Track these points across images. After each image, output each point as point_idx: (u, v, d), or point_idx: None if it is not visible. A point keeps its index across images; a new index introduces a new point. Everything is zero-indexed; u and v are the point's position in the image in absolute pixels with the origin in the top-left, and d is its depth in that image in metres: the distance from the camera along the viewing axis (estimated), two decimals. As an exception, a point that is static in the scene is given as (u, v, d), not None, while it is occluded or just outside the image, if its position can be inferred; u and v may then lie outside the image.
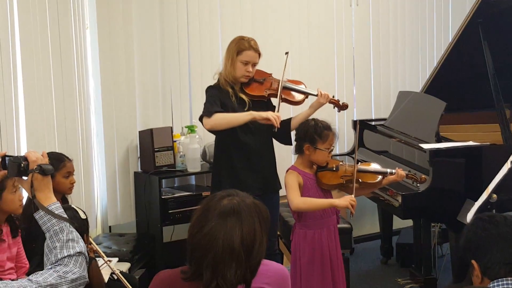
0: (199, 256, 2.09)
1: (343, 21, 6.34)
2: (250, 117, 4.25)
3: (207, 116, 4.26)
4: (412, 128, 5.10)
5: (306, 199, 3.96)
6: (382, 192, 4.76)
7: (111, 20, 5.28)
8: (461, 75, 5.38)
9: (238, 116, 4.27)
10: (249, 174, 4.40)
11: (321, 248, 4.02)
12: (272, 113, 4.27)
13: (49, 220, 2.22)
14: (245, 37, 4.43)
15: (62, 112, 4.60)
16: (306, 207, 3.94)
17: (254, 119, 4.24)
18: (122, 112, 5.38)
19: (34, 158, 2.30)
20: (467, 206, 4.13)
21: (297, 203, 3.92)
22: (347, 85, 6.41)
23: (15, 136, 3.94)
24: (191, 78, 5.67)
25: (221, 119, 4.25)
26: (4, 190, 3.25)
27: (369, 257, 6.11)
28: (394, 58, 6.66)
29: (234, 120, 4.26)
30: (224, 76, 4.39)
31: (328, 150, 4.03)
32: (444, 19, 6.89)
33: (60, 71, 4.57)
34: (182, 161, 5.36)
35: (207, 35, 5.68)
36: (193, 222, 2.16)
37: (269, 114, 4.24)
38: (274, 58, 4.61)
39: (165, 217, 5.17)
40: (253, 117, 4.24)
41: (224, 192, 2.21)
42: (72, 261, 2.13)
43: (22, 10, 4.07)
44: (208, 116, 4.25)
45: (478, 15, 4.95)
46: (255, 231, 2.11)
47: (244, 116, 4.26)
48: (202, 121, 4.33)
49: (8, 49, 3.86)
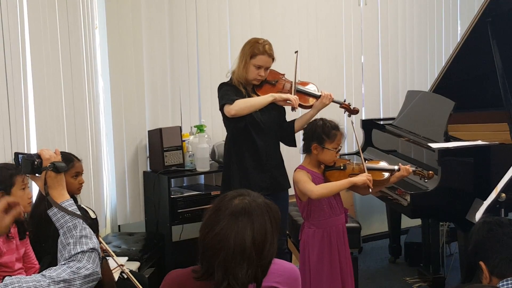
0: (210, 255, 2.10)
1: (352, 20, 6.34)
2: (271, 98, 4.33)
3: (229, 104, 4.28)
4: (421, 127, 5.10)
5: (324, 184, 3.98)
6: (391, 191, 4.76)
7: (120, 20, 5.30)
8: (469, 74, 5.38)
9: (260, 99, 4.35)
10: (259, 173, 4.41)
11: (330, 247, 4.03)
12: (290, 95, 4.35)
13: (62, 216, 2.24)
14: (261, 40, 4.43)
15: (71, 112, 4.62)
16: (327, 191, 3.94)
17: (275, 100, 4.33)
18: (131, 111, 5.40)
19: (47, 156, 2.32)
20: (476, 205, 4.13)
21: (317, 190, 3.92)
22: (356, 85, 6.41)
23: (25, 136, 3.95)
24: (200, 77, 5.68)
25: (244, 102, 4.29)
26: (14, 186, 3.26)
27: (378, 256, 6.11)
28: (403, 57, 6.65)
29: (256, 103, 4.32)
30: (236, 77, 4.40)
31: (336, 150, 4.04)
32: (452, 18, 6.88)
33: (70, 71, 4.59)
34: (191, 160, 5.37)
35: (216, 35, 5.69)
36: (204, 222, 2.17)
37: (289, 95, 4.35)
38: (282, 58, 4.61)
39: (174, 217, 5.18)
40: (274, 98, 4.33)
41: (235, 192, 2.21)
42: (86, 257, 2.15)
43: (32, 10, 4.09)
44: (230, 104, 4.27)
45: (487, 14, 4.95)
46: (266, 230, 2.12)
47: (266, 98, 4.34)
48: (223, 110, 4.34)
49: (18, 49, 3.88)
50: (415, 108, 5.42)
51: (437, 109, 4.99)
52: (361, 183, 3.95)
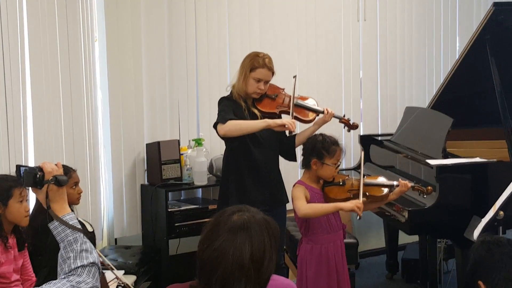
0: (208, 271, 2.09)
1: (351, 36, 6.36)
2: (264, 124, 4.21)
3: (221, 123, 4.24)
4: (419, 143, 5.11)
5: (312, 204, 3.97)
6: (388, 207, 4.75)
7: (120, 32, 5.31)
8: (468, 91, 5.38)
9: (253, 123, 4.25)
10: (258, 188, 4.40)
11: (328, 262, 4.02)
12: (286, 119, 4.27)
13: (63, 230, 2.24)
14: (260, 53, 4.42)
15: (70, 124, 4.62)
16: (312, 212, 3.94)
17: (269, 126, 4.20)
18: (129, 124, 5.40)
19: (49, 169, 2.32)
20: (474, 222, 4.12)
21: (304, 209, 3.92)
22: (354, 100, 6.42)
23: (23, 147, 3.94)
24: (198, 91, 5.68)
25: (235, 125, 4.21)
26: (11, 198, 3.26)
27: (375, 272, 6.10)
28: (401, 73, 6.67)
29: (248, 127, 4.23)
30: (236, 90, 4.39)
31: (335, 165, 4.04)
32: (451, 35, 6.91)
33: (69, 83, 4.60)
34: (189, 174, 5.37)
35: (215, 48, 5.70)
36: (203, 237, 2.16)
37: (284, 120, 4.24)
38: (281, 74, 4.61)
39: (171, 230, 5.17)
40: (267, 124, 4.20)
41: (234, 208, 2.20)
42: (86, 271, 2.15)
43: (32, 23, 4.10)
44: (222, 123, 4.23)
45: (486, 31, 4.96)
46: (265, 247, 2.11)
47: (259, 124, 4.23)
48: (216, 128, 4.30)
49: (18, 61, 3.88)
50: (414, 124, 5.43)
51: (436, 126, 5.00)
52: (348, 209, 3.94)
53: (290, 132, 4.25)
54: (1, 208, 3.24)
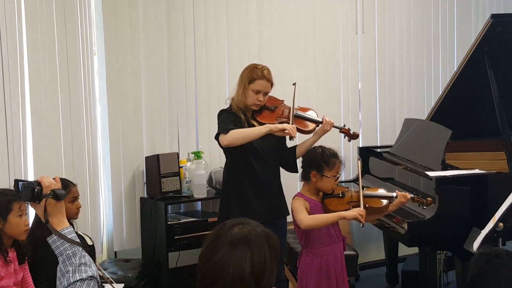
0: (208, 284, 2.09)
1: (349, 48, 6.37)
2: (266, 129, 4.26)
3: (223, 133, 4.25)
4: (418, 155, 5.11)
5: (314, 216, 3.97)
6: (388, 219, 4.75)
7: (119, 46, 5.32)
8: (466, 103, 5.38)
9: (255, 130, 4.28)
10: (259, 201, 4.40)
11: (328, 275, 4.02)
12: (287, 124, 4.29)
13: (62, 244, 2.24)
14: (259, 65, 4.44)
15: (69, 137, 4.62)
16: (315, 223, 3.94)
17: (271, 131, 4.25)
18: (128, 137, 5.41)
19: (47, 183, 2.32)
20: (474, 234, 4.12)
21: (306, 221, 3.92)
22: (353, 112, 6.43)
23: (22, 161, 3.94)
24: (197, 104, 5.69)
25: (238, 133, 4.24)
26: (10, 212, 3.25)
27: (375, 284, 6.09)
28: (400, 85, 6.68)
29: (251, 134, 4.27)
30: (236, 103, 4.40)
31: (335, 178, 4.04)
32: (449, 47, 6.92)
33: (68, 97, 4.60)
34: (188, 187, 5.37)
35: (214, 61, 5.71)
36: (203, 250, 2.16)
37: (285, 125, 4.27)
38: (280, 86, 4.63)
39: (171, 243, 5.16)
40: (269, 129, 4.25)
41: (234, 221, 2.21)
42: (84, 285, 2.15)
43: (31, 36, 4.10)
44: (224, 133, 4.24)
45: (484, 43, 4.96)
46: (265, 260, 2.11)
47: (261, 129, 4.27)
48: (218, 139, 4.32)
49: (17, 75, 3.88)
50: (413, 136, 5.43)
51: (435, 138, 5.00)
52: (351, 218, 3.95)
53: (291, 138, 4.27)
54: (1, 223, 3.23)
